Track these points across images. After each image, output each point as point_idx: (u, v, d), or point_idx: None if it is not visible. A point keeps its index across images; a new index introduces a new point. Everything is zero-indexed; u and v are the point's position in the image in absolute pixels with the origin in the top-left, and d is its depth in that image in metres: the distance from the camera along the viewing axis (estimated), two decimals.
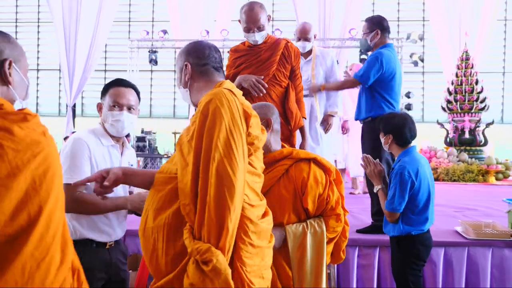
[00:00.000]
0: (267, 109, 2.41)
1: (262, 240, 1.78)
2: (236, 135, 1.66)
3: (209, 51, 1.96)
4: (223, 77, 1.97)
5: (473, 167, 8.94)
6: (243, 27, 3.42)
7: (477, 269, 3.47)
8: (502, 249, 3.50)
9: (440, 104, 10.18)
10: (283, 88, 3.51)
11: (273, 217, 2.18)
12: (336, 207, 2.34)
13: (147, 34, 14.37)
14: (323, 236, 2.28)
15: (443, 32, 14.23)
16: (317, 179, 2.28)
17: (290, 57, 3.50)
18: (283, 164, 2.32)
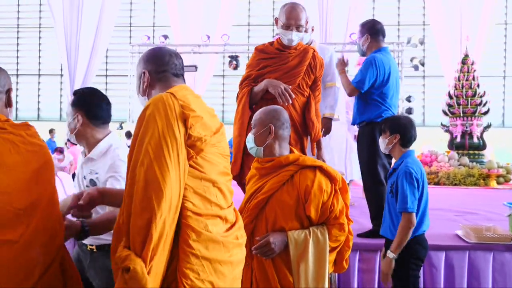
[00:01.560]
0: (271, 116, 2.38)
1: (214, 252, 1.68)
2: (169, 139, 1.63)
3: (169, 57, 1.93)
4: (182, 83, 1.93)
5: (474, 171, 8.94)
6: (282, 24, 3.31)
7: (478, 273, 3.47)
8: (503, 253, 3.49)
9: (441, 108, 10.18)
10: (305, 98, 3.42)
11: (275, 222, 2.25)
12: (340, 217, 2.32)
13: (148, 39, 14.41)
14: (325, 244, 2.26)
15: (443, 36, 14.26)
16: (322, 187, 2.26)
17: (316, 68, 3.40)
18: (288, 170, 2.30)
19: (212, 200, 1.73)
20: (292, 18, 3.26)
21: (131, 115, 14.88)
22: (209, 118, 1.82)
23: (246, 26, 18.79)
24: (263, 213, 2.30)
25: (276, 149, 2.37)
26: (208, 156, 1.76)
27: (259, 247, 2.22)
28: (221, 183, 1.80)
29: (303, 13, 3.29)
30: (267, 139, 2.36)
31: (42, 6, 18.31)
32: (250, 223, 2.31)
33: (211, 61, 15.47)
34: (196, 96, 1.87)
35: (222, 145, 1.86)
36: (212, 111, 1.91)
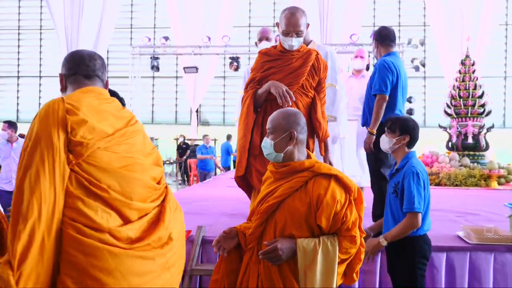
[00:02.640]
0: (292, 121, 2.30)
1: (94, 260, 1.63)
2: (45, 145, 1.64)
3: (81, 60, 1.95)
4: (96, 84, 1.95)
5: (475, 171, 8.92)
6: (282, 30, 3.36)
7: (479, 274, 3.46)
8: (504, 254, 3.48)
9: (442, 108, 10.17)
10: (309, 99, 3.47)
11: (284, 229, 2.17)
12: (352, 229, 2.20)
13: (148, 41, 14.43)
14: (334, 255, 2.16)
15: (444, 37, 14.27)
16: (335, 196, 2.16)
17: (320, 69, 3.47)
18: (303, 176, 2.22)
19: (96, 208, 1.67)
20: (291, 24, 3.28)
21: None
22: (105, 120, 1.78)
23: (247, 27, 18.82)
24: (273, 217, 2.23)
25: (295, 155, 2.30)
26: (97, 161, 1.71)
27: (266, 253, 2.14)
28: (115, 191, 1.73)
29: (303, 18, 3.31)
30: (287, 145, 2.28)
31: (43, 8, 18.34)
32: (259, 226, 2.25)
33: (212, 63, 15.50)
34: (101, 98, 1.86)
35: (125, 148, 1.80)
36: (120, 112, 1.88)
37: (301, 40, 3.36)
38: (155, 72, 14.92)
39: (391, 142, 2.96)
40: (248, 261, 2.25)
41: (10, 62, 19.88)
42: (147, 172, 1.85)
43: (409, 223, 2.77)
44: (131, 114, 1.94)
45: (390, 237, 2.81)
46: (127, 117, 1.89)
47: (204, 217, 4.48)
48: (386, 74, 3.83)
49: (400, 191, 2.86)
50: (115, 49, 18.42)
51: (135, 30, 19.36)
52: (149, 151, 1.92)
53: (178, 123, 19.50)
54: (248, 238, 2.28)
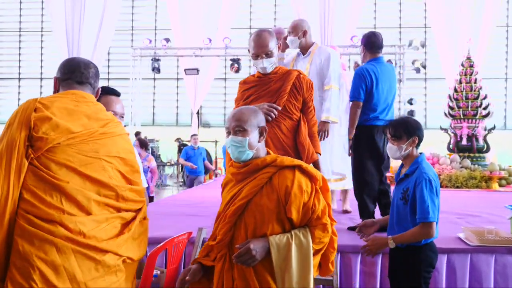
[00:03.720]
0: (260, 117, 2.32)
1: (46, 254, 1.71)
2: (5, 140, 1.80)
3: (76, 67, 2.08)
4: (85, 90, 2.06)
5: (476, 173, 8.92)
6: (251, 54, 3.25)
7: (480, 276, 3.46)
8: (505, 256, 3.48)
9: (443, 110, 10.17)
10: (294, 121, 3.29)
11: (255, 229, 2.13)
12: (323, 217, 2.19)
13: (149, 43, 14.46)
14: (309, 247, 2.13)
15: (445, 39, 14.27)
16: (302, 187, 2.14)
17: (302, 89, 3.26)
18: (266, 172, 2.19)
19: (52, 203, 1.75)
20: (258, 46, 3.18)
21: (133, 118, 14.90)
22: (76, 120, 1.89)
23: (248, 29, 18.83)
24: (242, 219, 2.17)
25: (261, 151, 2.29)
26: (57, 156, 1.81)
27: (239, 255, 2.08)
28: (74, 188, 1.80)
29: (269, 38, 3.19)
30: (259, 141, 2.27)
31: (44, 9, 18.37)
32: (228, 231, 2.19)
33: (213, 64, 15.50)
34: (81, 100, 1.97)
35: (93, 147, 1.88)
36: (99, 114, 1.98)
37: (272, 60, 3.22)
38: (156, 74, 14.94)
39: (401, 149, 2.84)
40: (221, 270, 2.18)
41: (11, 64, 19.91)
42: (108, 173, 1.89)
43: (424, 232, 2.67)
44: (110, 118, 2.02)
45: (399, 241, 2.70)
46: (105, 120, 1.97)
47: (204, 219, 4.48)
48: (359, 82, 4.01)
49: (410, 198, 2.75)
50: (116, 51, 18.44)
51: (136, 32, 19.38)
52: (116, 154, 1.95)
53: (179, 125, 19.51)
54: (217, 246, 2.22)
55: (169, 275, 3.26)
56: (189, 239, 3.52)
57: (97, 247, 1.77)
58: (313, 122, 3.39)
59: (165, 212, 5.07)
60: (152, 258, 2.98)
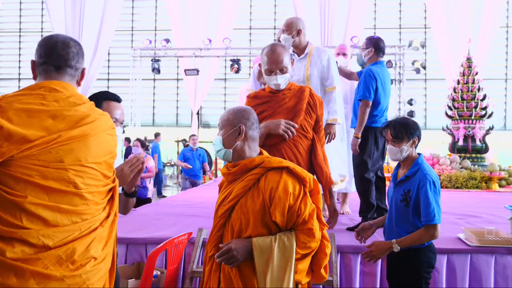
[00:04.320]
0: (241, 115, 2.23)
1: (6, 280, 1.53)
2: None
3: (53, 48, 1.82)
4: (64, 77, 1.82)
5: (476, 174, 8.92)
6: (264, 70, 3.08)
7: (480, 276, 3.46)
8: (505, 256, 3.48)
9: (444, 111, 10.18)
10: (309, 141, 3.13)
11: (240, 231, 2.08)
12: (309, 221, 2.09)
13: (149, 43, 14.46)
14: (292, 251, 2.05)
15: (445, 39, 14.27)
16: (287, 189, 2.07)
17: (316, 106, 3.12)
18: (254, 174, 2.14)
19: (10, 221, 1.57)
20: (272, 62, 3.00)
21: (133, 118, 14.91)
22: (37, 123, 1.62)
23: (248, 29, 18.84)
24: (229, 221, 2.14)
25: (246, 151, 2.22)
26: (12, 170, 1.58)
27: (221, 254, 2.06)
28: (34, 202, 1.59)
29: (284, 53, 3.03)
30: (236, 140, 2.20)
31: (44, 10, 18.37)
32: (217, 232, 2.17)
33: (213, 65, 15.52)
34: (48, 96, 1.70)
35: (57, 156, 1.62)
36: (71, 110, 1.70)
37: (286, 76, 3.07)
38: (156, 75, 14.94)
39: (403, 150, 2.84)
40: (209, 271, 2.17)
41: (11, 64, 19.92)
42: (76, 184, 1.65)
43: (429, 234, 2.68)
44: (86, 112, 1.73)
45: (404, 244, 2.70)
46: (78, 116, 1.70)
47: (204, 219, 4.49)
48: (370, 82, 4.17)
49: (412, 200, 2.75)
50: (116, 51, 18.44)
51: (136, 32, 19.39)
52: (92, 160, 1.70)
53: (179, 125, 19.52)
54: (207, 247, 2.21)
55: (169, 275, 3.27)
56: (189, 239, 3.52)
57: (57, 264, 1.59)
58: (323, 141, 3.23)
59: (165, 212, 5.07)
60: (152, 258, 2.98)
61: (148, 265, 2.97)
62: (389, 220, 2.91)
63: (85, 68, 1.95)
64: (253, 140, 2.24)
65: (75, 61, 1.85)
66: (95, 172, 1.71)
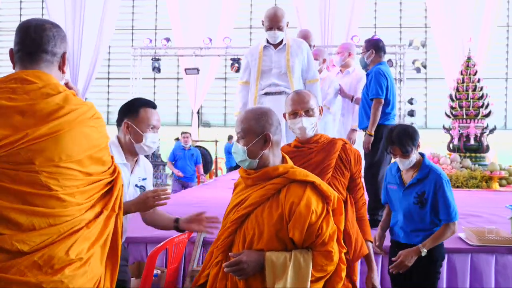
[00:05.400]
0: (265, 121, 2.04)
1: None
2: None
3: (26, 32, 1.66)
4: (39, 64, 1.64)
5: (476, 173, 8.92)
6: (288, 113, 2.71)
7: (481, 276, 3.46)
8: (506, 255, 3.48)
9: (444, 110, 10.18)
10: None
11: (252, 242, 1.95)
12: (329, 243, 1.94)
13: (150, 42, 14.44)
14: (307, 272, 1.90)
15: (445, 39, 14.25)
16: (310, 206, 1.91)
17: (349, 162, 2.69)
18: (275, 184, 1.98)
19: None
20: (297, 102, 2.65)
21: None
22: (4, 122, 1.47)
23: (248, 28, 18.83)
24: (242, 229, 2.00)
25: (270, 159, 2.05)
26: None
27: (230, 265, 1.92)
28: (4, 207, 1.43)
29: (311, 95, 2.70)
30: (262, 149, 2.02)
31: (44, 9, 18.37)
32: (227, 237, 2.03)
33: (213, 64, 15.51)
34: (18, 89, 1.54)
35: (26, 157, 1.45)
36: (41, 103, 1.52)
37: (313, 120, 2.66)
38: (156, 74, 14.92)
39: (413, 159, 2.92)
40: (215, 276, 2.03)
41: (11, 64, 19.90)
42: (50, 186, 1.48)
43: (451, 232, 2.81)
44: (60, 104, 1.54)
45: (429, 246, 2.79)
46: (48, 110, 1.51)
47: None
48: (382, 80, 4.27)
49: (429, 201, 2.83)
50: (116, 50, 18.44)
51: (136, 31, 19.38)
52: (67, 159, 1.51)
53: (179, 124, 19.50)
54: (215, 251, 2.08)
55: (170, 274, 3.27)
56: (189, 238, 3.52)
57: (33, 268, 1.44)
58: (361, 202, 2.77)
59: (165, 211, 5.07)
60: (152, 257, 2.98)
61: (148, 264, 2.97)
62: (402, 223, 2.96)
63: (66, 52, 1.72)
64: (277, 146, 2.10)
65: (51, 45, 1.65)
66: (73, 172, 1.51)
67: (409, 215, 2.89)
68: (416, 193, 2.86)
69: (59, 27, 1.72)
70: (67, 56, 1.73)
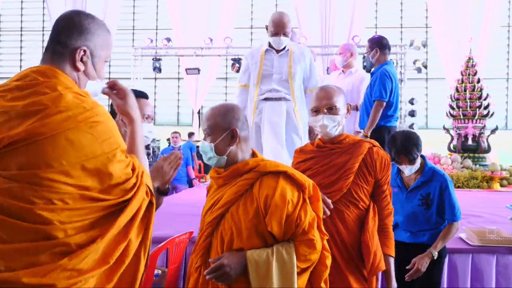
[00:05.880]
0: (231, 116, 2.00)
1: None
2: None
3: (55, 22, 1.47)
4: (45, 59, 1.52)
5: (477, 173, 8.91)
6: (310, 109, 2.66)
7: (482, 276, 3.46)
8: (507, 256, 3.48)
9: (445, 110, 10.17)
10: (361, 211, 2.44)
11: (231, 242, 1.87)
12: (309, 231, 1.88)
13: (151, 42, 14.45)
14: (292, 265, 1.84)
15: (446, 39, 14.25)
16: (285, 196, 1.84)
17: (374, 168, 2.43)
18: (248, 179, 1.91)
19: None
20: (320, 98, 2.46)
21: None
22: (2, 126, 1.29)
23: (249, 28, 18.83)
24: (219, 230, 1.92)
25: (239, 155, 1.99)
26: None
27: (212, 271, 1.82)
28: None
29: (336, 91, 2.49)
30: (230, 145, 1.97)
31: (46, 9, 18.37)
32: (204, 241, 1.95)
33: (214, 64, 15.51)
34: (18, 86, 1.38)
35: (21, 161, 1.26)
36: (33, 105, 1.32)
37: (337, 119, 2.43)
38: (157, 74, 14.92)
39: (418, 164, 2.97)
40: (195, 283, 1.94)
41: (13, 63, 19.91)
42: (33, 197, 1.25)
43: (455, 229, 2.94)
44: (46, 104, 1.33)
45: (438, 248, 2.87)
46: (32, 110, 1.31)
47: None
48: (387, 82, 4.22)
49: (435, 202, 2.93)
50: (117, 50, 18.38)
51: (137, 31, 19.38)
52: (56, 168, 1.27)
53: (180, 124, 19.50)
54: (193, 258, 1.99)
55: (170, 274, 3.27)
56: (190, 238, 3.52)
57: None
58: (387, 212, 2.51)
59: (165, 211, 5.07)
60: (153, 257, 2.98)
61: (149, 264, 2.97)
62: (404, 224, 3.01)
63: (83, 48, 1.49)
64: (245, 141, 2.02)
65: (63, 36, 1.47)
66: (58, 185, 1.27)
67: (413, 216, 2.94)
68: (420, 195, 2.92)
69: (86, 16, 1.54)
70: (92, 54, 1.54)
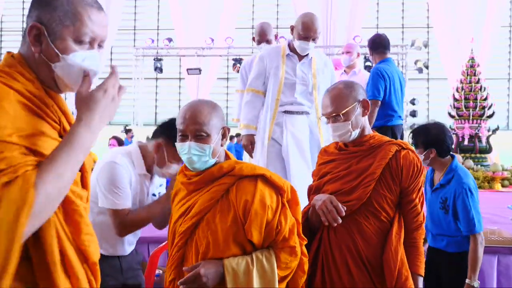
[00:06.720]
0: (221, 115, 1.85)
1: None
2: None
3: None
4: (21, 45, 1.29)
5: (478, 174, 8.91)
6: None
7: (483, 276, 3.45)
8: (508, 256, 3.48)
9: (446, 111, 10.17)
10: (384, 223, 2.09)
11: (207, 252, 1.75)
12: (290, 237, 1.78)
13: (152, 42, 14.47)
14: (273, 274, 1.73)
15: (447, 39, 14.25)
16: (265, 202, 1.73)
17: (400, 174, 2.08)
18: (223, 183, 1.77)
19: None
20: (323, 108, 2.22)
21: (135, 117, 14.92)
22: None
23: (250, 29, 18.83)
24: (193, 240, 1.79)
25: (221, 157, 1.87)
26: None
27: (187, 282, 1.70)
28: None
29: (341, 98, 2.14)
30: (221, 146, 1.86)
31: None
32: (178, 251, 1.82)
33: (215, 64, 15.53)
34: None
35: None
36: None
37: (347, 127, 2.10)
38: (158, 74, 14.94)
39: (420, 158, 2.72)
40: None
41: None
42: None
43: (476, 246, 2.61)
44: None
45: (475, 275, 2.63)
46: None
47: None
48: (379, 81, 4.15)
49: (451, 209, 2.68)
50: (119, 50, 18.46)
51: (139, 31, 19.40)
52: None
53: None
54: (167, 269, 1.87)
55: None
56: None
57: None
58: (415, 224, 2.13)
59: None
60: (154, 257, 2.99)
61: (150, 264, 2.97)
62: (431, 225, 2.84)
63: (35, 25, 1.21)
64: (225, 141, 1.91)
65: (30, 13, 1.24)
66: None
67: (436, 218, 2.79)
68: (441, 198, 2.74)
69: None
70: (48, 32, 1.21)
